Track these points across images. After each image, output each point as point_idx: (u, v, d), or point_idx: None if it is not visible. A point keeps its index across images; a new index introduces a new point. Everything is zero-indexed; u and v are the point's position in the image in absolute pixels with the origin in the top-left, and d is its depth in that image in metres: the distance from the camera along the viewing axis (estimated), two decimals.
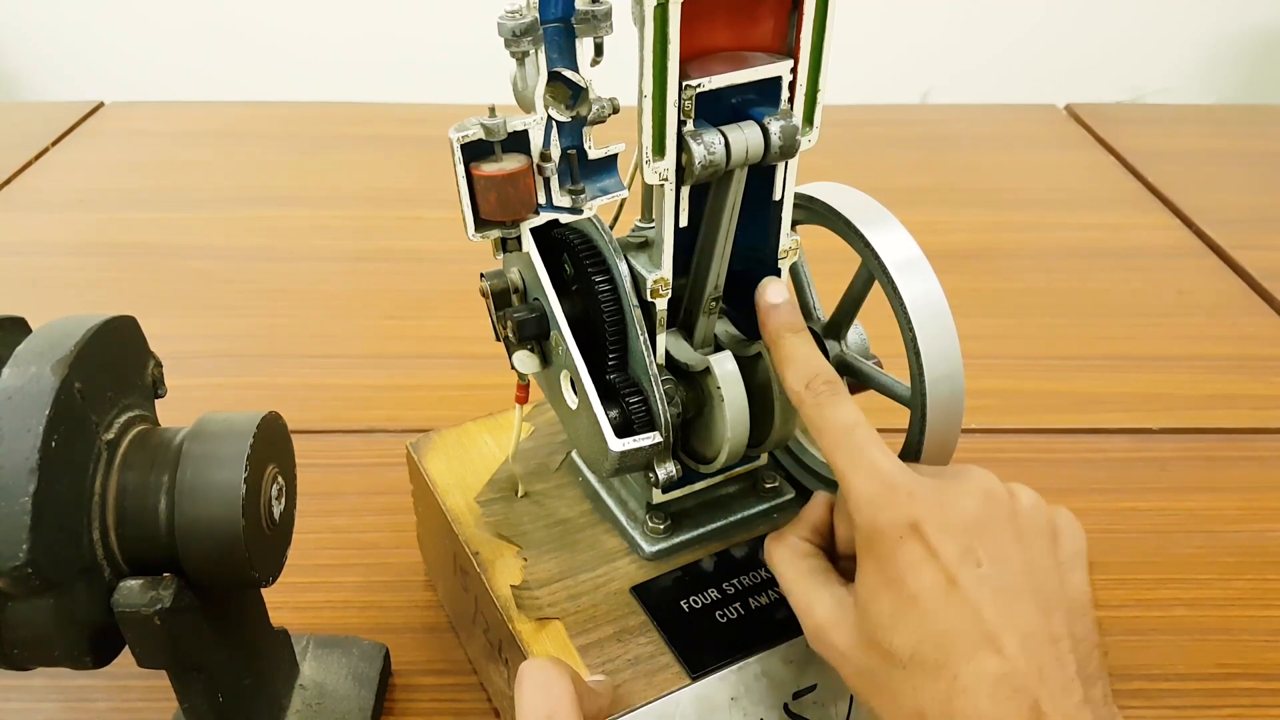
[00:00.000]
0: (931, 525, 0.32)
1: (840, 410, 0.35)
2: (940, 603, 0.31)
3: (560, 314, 0.39)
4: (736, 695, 0.38)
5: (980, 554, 0.32)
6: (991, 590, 0.31)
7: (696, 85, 0.34)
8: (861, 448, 0.34)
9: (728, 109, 0.35)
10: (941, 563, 0.31)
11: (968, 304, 0.53)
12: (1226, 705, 0.47)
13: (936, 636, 0.31)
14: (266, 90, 1.66)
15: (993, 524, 0.33)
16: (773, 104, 0.36)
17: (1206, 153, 1.06)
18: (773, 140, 0.35)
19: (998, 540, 0.32)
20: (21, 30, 1.96)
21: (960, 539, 0.32)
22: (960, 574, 0.31)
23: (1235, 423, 0.66)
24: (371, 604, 0.52)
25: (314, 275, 0.82)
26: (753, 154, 0.35)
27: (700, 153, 0.34)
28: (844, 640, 0.33)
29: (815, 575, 0.36)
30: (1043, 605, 0.31)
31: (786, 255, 0.40)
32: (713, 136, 0.35)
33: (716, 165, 0.35)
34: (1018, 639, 0.30)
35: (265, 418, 0.36)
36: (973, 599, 0.31)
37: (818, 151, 0.38)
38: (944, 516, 0.32)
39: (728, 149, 0.35)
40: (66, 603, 0.32)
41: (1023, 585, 0.32)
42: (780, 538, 0.38)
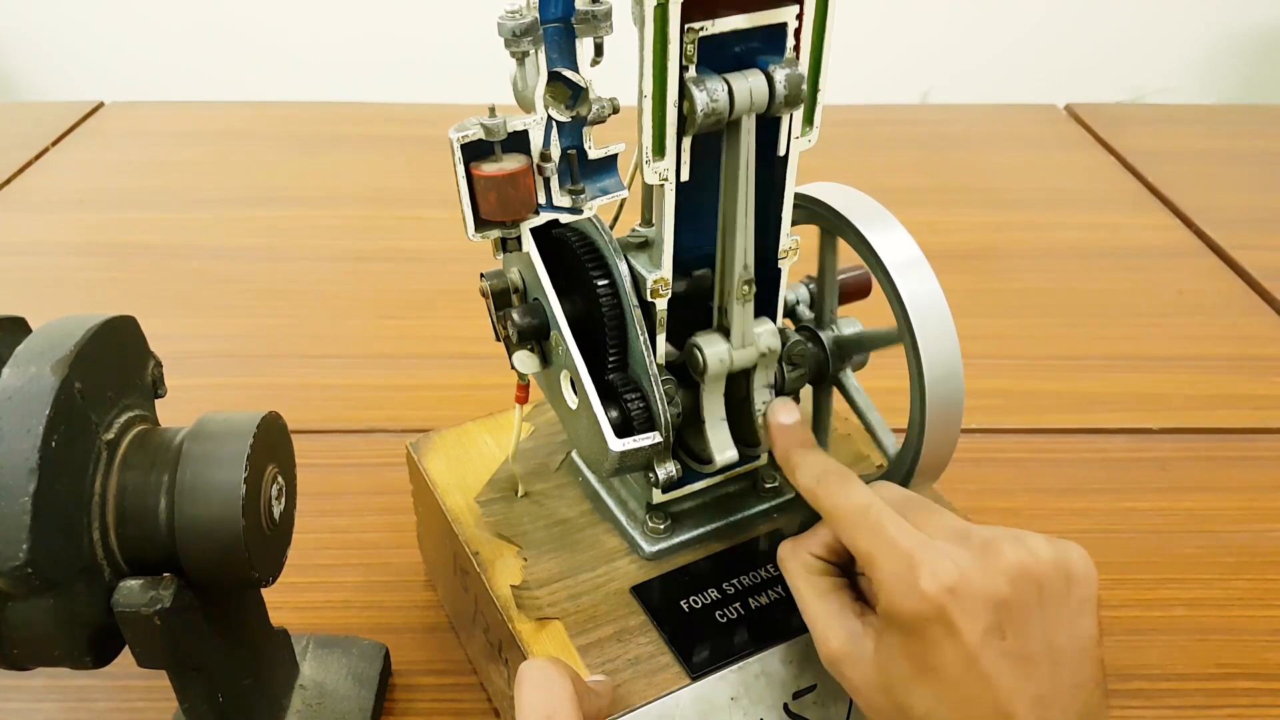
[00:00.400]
0: (957, 609, 0.32)
1: (852, 493, 0.36)
2: (961, 677, 0.32)
3: (560, 314, 0.39)
4: (736, 695, 0.38)
5: (1007, 629, 0.32)
6: (1011, 661, 0.32)
7: (700, 28, 0.33)
8: (879, 527, 0.34)
9: (731, 56, 0.34)
10: (965, 642, 0.32)
11: (968, 304, 0.53)
12: (1226, 705, 0.47)
13: (952, 704, 0.32)
14: (266, 90, 1.66)
15: (1020, 601, 0.32)
16: (778, 52, 0.35)
17: (1206, 153, 1.06)
18: (778, 88, 0.34)
19: (1025, 614, 0.32)
20: (21, 30, 1.96)
21: (986, 618, 0.32)
22: (983, 652, 0.32)
23: (1235, 423, 0.66)
24: (371, 604, 0.52)
25: (314, 275, 0.82)
26: (757, 102, 0.34)
27: (703, 99, 0.33)
28: (859, 678, 0.34)
29: (830, 599, 0.36)
30: (1054, 662, 0.32)
31: (786, 255, 0.40)
32: (716, 83, 0.33)
33: (719, 113, 0.34)
34: (1029, 702, 0.32)
35: (265, 418, 0.36)
36: (992, 673, 0.32)
37: (818, 151, 0.38)
38: (971, 597, 0.32)
39: (731, 96, 0.34)
40: (66, 603, 0.32)
41: (1041, 650, 0.32)
42: (796, 551, 0.38)
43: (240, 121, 1.10)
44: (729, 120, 0.34)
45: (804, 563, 0.37)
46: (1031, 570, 0.33)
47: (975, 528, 0.35)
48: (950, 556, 0.33)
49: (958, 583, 0.32)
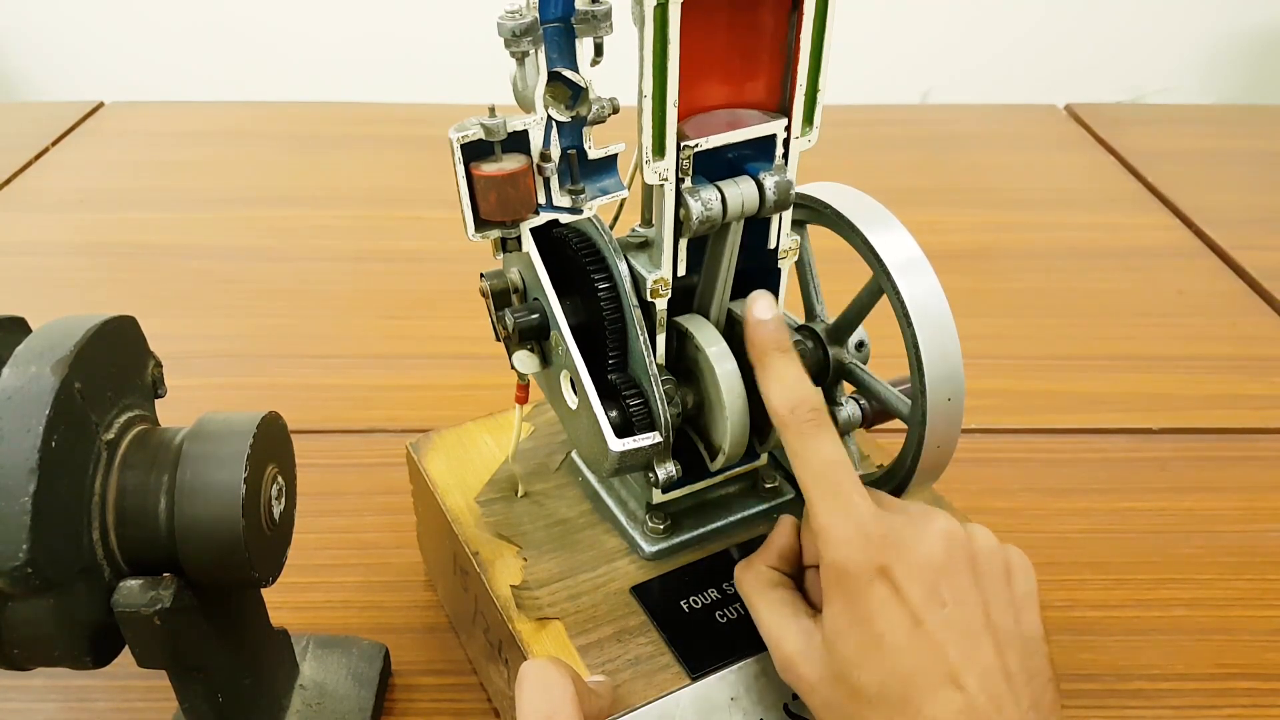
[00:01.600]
0: (900, 569, 0.33)
1: (823, 444, 0.36)
2: (906, 642, 0.32)
3: (560, 314, 0.39)
4: (736, 695, 0.38)
5: (945, 595, 0.33)
6: (954, 631, 0.33)
7: (694, 145, 0.35)
8: (838, 487, 0.35)
9: (724, 164, 0.37)
10: (908, 605, 0.33)
11: (968, 304, 0.53)
12: (1226, 705, 0.47)
13: (902, 674, 0.32)
14: (266, 90, 1.66)
15: (955, 567, 0.34)
16: (767, 159, 0.37)
17: (1206, 153, 1.06)
18: (767, 195, 0.37)
19: (960, 582, 0.34)
20: (21, 30, 1.96)
21: (926, 582, 0.33)
22: (926, 615, 0.33)
23: (1235, 423, 0.66)
24: (371, 604, 0.52)
25: (314, 275, 0.82)
26: (748, 208, 0.37)
27: (698, 209, 0.36)
28: (812, 673, 0.35)
29: (784, 606, 0.37)
30: (999, 643, 0.33)
31: (786, 255, 0.40)
32: (710, 193, 0.36)
33: (713, 220, 0.36)
34: (977, 676, 0.32)
35: (265, 418, 0.36)
36: (937, 639, 0.32)
37: (818, 151, 0.38)
38: (911, 560, 0.33)
39: (724, 204, 0.36)
40: (66, 603, 0.32)
41: (982, 625, 0.33)
42: (749, 566, 0.39)
43: (240, 121, 1.10)
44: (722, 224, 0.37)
45: (758, 575, 0.38)
46: (960, 539, 0.35)
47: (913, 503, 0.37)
48: (888, 520, 0.34)
49: (897, 544, 0.33)
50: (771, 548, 0.39)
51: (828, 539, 0.34)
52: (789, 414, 0.36)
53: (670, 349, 0.40)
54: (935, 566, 0.33)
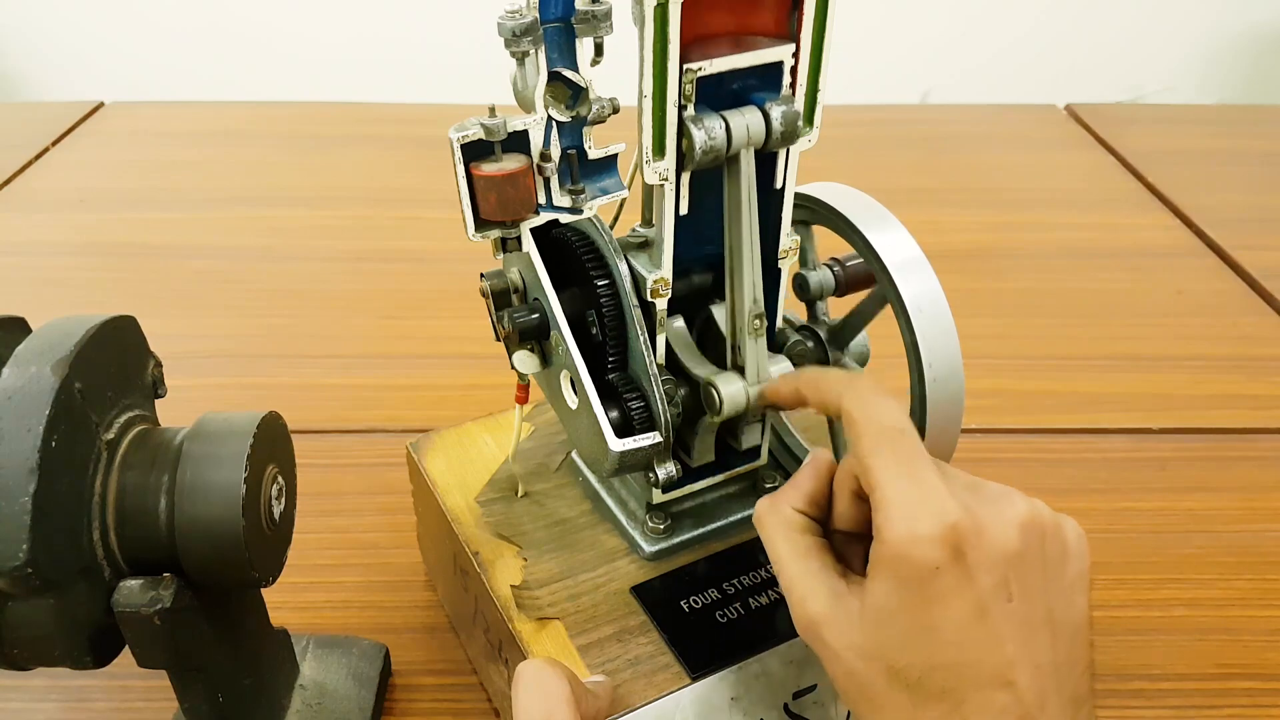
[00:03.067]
0: (973, 557, 0.30)
1: (889, 408, 0.33)
2: (965, 635, 0.30)
3: (560, 314, 0.39)
4: (736, 695, 0.38)
5: (1013, 587, 0.31)
6: (1015, 624, 0.30)
7: (697, 69, 0.33)
8: (909, 455, 0.31)
9: (729, 94, 0.35)
10: (975, 595, 0.30)
11: (968, 304, 0.53)
12: (1226, 705, 0.47)
13: (952, 666, 0.30)
14: (266, 90, 1.66)
15: (1028, 558, 0.31)
16: (774, 89, 0.36)
17: (1206, 153, 1.06)
18: (774, 125, 0.35)
19: (1029, 576, 0.31)
20: (21, 30, 1.96)
21: (998, 571, 0.30)
22: (990, 609, 0.30)
23: (1235, 423, 0.66)
24: (371, 604, 0.52)
25: (314, 275, 0.82)
26: (754, 139, 0.35)
27: (701, 138, 0.34)
28: (841, 642, 0.32)
29: (811, 558, 0.33)
30: (1054, 634, 0.31)
31: (786, 255, 0.40)
32: (713, 121, 0.34)
33: (717, 150, 0.35)
34: (1029, 672, 0.30)
35: (265, 418, 0.36)
36: (998, 633, 0.30)
37: (818, 151, 0.38)
38: (986, 548, 0.30)
39: (728, 134, 0.34)
40: (66, 603, 0.32)
41: (1042, 617, 0.31)
42: (775, 506, 0.35)
43: (240, 121, 1.10)
44: (727, 156, 0.35)
45: (784, 518, 0.35)
46: (1040, 526, 0.32)
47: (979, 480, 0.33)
48: (966, 502, 0.31)
49: (974, 529, 0.30)
50: (801, 486, 0.35)
51: (891, 513, 0.31)
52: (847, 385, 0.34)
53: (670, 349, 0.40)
54: (1009, 556, 0.30)
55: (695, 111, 0.34)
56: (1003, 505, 0.32)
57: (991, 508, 0.31)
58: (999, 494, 0.32)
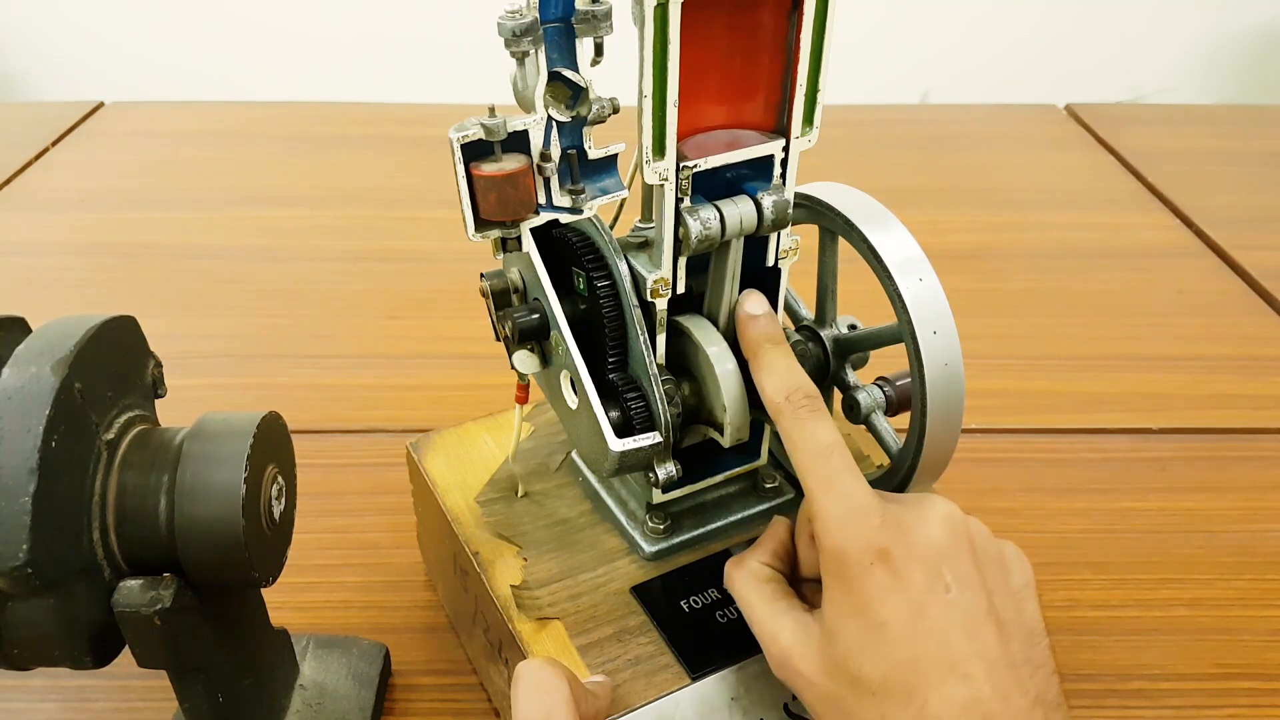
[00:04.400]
0: (900, 553, 0.32)
1: (819, 429, 0.35)
2: (909, 630, 0.31)
3: (560, 314, 0.39)
4: (736, 695, 0.38)
5: (948, 580, 0.32)
6: (958, 616, 0.32)
7: (693, 166, 0.36)
8: (836, 471, 0.34)
9: (723, 183, 0.37)
10: (911, 590, 0.32)
11: (968, 304, 0.53)
12: (1226, 705, 0.47)
13: (907, 663, 0.31)
14: (266, 90, 1.66)
15: (957, 551, 0.33)
16: (765, 179, 0.37)
17: (1206, 153, 1.06)
18: (765, 214, 0.37)
19: (962, 567, 0.33)
20: (21, 30, 1.96)
21: (929, 566, 0.32)
22: (929, 601, 0.32)
23: (1235, 423, 0.66)
24: (371, 604, 0.52)
25: (314, 275, 0.82)
26: (746, 226, 0.37)
27: (696, 228, 0.36)
28: (809, 667, 0.33)
29: (778, 600, 0.36)
30: (1003, 632, 0.32)
31: (787, 255, 0.40)
32: (709, 212, 0.36)
33: (712, 239, 0.37)
34: (983, 665, 0.31)
35: (265, 418, 0.36)
36: (941, 626, 0.31)
37: (818, 151, 0.38)
38: (912, 544, 0.33)
39: (722, 223, 0.36)
40: (66, 603, 0.32)
41: (985, 612, 0.32)
42: (740, 562, 0.38)
43: (240, 121, 1.10)
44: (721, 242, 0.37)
45: (751, 571, 0.37)
46: (960, 522, 0.34)
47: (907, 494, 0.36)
48: (890, 507, 0.34)
49: (898, 528, 0.33)
50: (764, 545, 0.38)
51: (825, 523, 0.33)
52: (783, 401, 0.36)
53: (670, 348, 0.40)
54: (937, 550, 0.33)
55: (691, 203, 0.36)
56: (924, 506, 0.34)
57: (914, 509, 0.34)
58: (920, 498, 0.35)
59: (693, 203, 0.36)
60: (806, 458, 0.35)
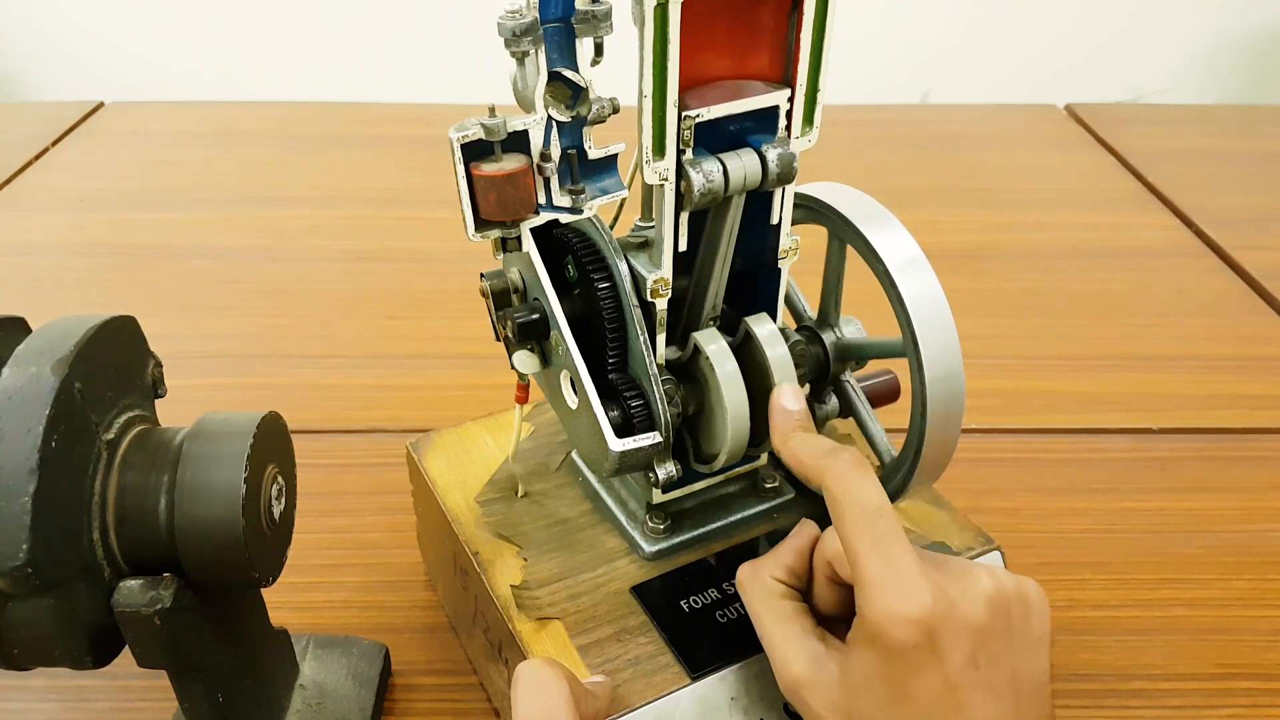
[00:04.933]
0: (945, 634, 0.32)
1: (866, 487, 0.34)
2: (937, 705, 0.32)
3: (560, 314, 0.39)
4: (736, 695, 0.38)
5: (980, 658, 0.33)
6: (982, 691, 0.32)
7: (695, 115, 0.34)
8: (887, 537, 0.33)
9: (726, 136, 0.36)
10: (946, 670, 0.32)
11: (968, 304, 0.53)
12: (1226, 705, 0.47)
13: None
14: (266, 90, 1.66)
15: (994, 630, 0.33)
16: (770, 131, 0.37)
17: (1206, 153, 1.06)
18: (770, 168, 0.36)
19: (995, 646, 0.33)
20: (21, 30, 1.96)
21: (966, 646, 0.32)
22: (959, 680, 0.32)
23: (1235, 423, 0.66)
24: (371, 604, 0.52)
25: (314, 275, 0.82)
26: (750, 181, 0.36)
27: (699, 181, 0.35)
28: (819, 704, 0.34)
29: (791, 623, 0.36)
30: (1016, 694, 0.33)
31: (786, 255, 0.40)
32: (711, 165, 0.35)
33: (715, 192, 0.35)
34: None
35: (265, 418, 0.36)
36: (965, 702, 0.32)
37: (818, 151, 0.38)
38: (956, 624, 0.32)
39: (726, 177, 0.35)
40: (66, 603, 0.32)
41: (1007, 683, 0.33)
42: (755, 572, 0.38)
43: (240, 121, 1.10)
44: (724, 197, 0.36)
45: (764, 586, 0.37)
46: (1004, 597, 0.34)
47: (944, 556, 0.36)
48: (939, 584, 0.33)
49: (947, 610, 0.32)
50: (782, 558, 0.37)
51: (871, 593, 0.32)
52: (824, 459, 0.35)
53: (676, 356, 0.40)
54: (976, 630, 0.33)
55: (693, 155, 0.35)
56: (968, 582, 0.34)
57: (958, 585, 0.33)
58: (965, 569, 0.34)
59: (695, 155, 0.35)
60: (854, 520, 0.34)
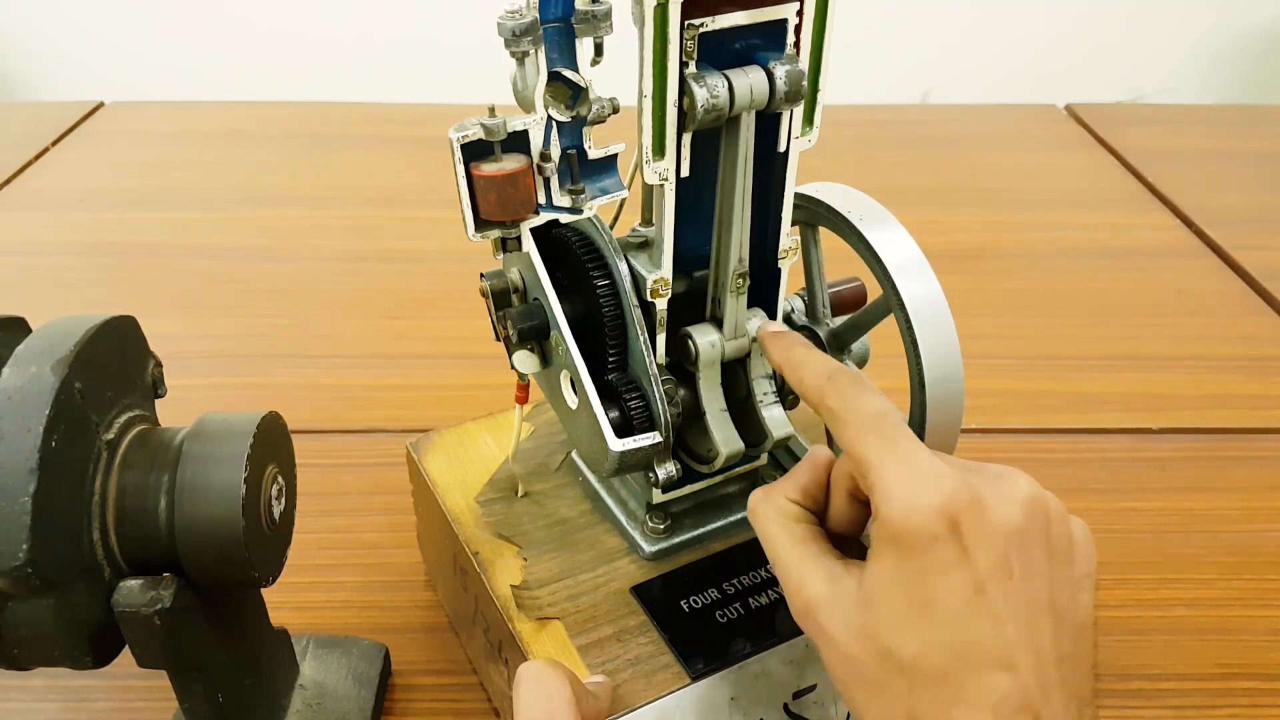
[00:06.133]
0: (971, 529, 0.29)
1: (869, 398, 0.33)
2: (962, 611, 0.29)
3: (560, 314, 0.39)
4: (736, 695, 0.38)
5: (1014, 566, 0.29)
6: (1017, 604, 0.29)
7: (700, 25, 0.33)
8: (896, 435, 0.31)
9: (731, 53, 0.34)
10: (974, 570, 0.29)
11: (968, 304, 0.53)
12: (1226, 705, 0.47)
13: (949, 645, 0.29)
14: (266, 90, 1.66)
15: (1031, 537, 0.30)
16: (778, 49, 0.35)
17: (1206, 153, 1.06)
18: (778, 84, 0.34)
19: (1032, 555, 0.30)
20: (21, 30, 1.96)
21: (998, 548, 0.29)
22: (990, 585, 0.29)
23: (1235, 423, 0.66)
24: (371, 604, 0.52)
25: (314, 275, 0.82)
26: (757, 98, 0.34)
27: (703, 95, 0.33)
28: (836, 625, 0.31)
29: (807, 544, 0.33)
30: (1057, 624, 0.30)
31: (787, 255, 0.40)
32: (716, 79, 0.33)
33: (720, 109, 0.34)
34: (1032, 658, 0.29)
35: (265, 418, 0.36)
36: (998, 612, 0.29)
37: (818, 151, 0.38)
38: (986, 521, 0.29)
39: (731, 93, 0.34)
40: (66, 603, 0.32)
41: (1045, 601, 0.30)
42: (768, 495, 0.35)
43: (240, 121, 1.10)
44: (729, 116, 0.34)
45: (778, 507, 0.34)
46: (1045, 506, 0.31)
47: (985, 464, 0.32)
48: (964, 477, 0.30)
49: (972, 501, 0.29)
50: (797, 480, 0.35)
51: (886, 489, 0.30)
52: (827, 380, 0.34)
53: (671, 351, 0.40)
54: (1010, 532, 0.30)
55: (697, 69, 0.33)
56: (1005, 482, 0.31)
57: (993, 483, 0.31)
58: (1001, 472, 0.31)
59: (699, 69, 0.34)
60: (858, 427, 0.32)
